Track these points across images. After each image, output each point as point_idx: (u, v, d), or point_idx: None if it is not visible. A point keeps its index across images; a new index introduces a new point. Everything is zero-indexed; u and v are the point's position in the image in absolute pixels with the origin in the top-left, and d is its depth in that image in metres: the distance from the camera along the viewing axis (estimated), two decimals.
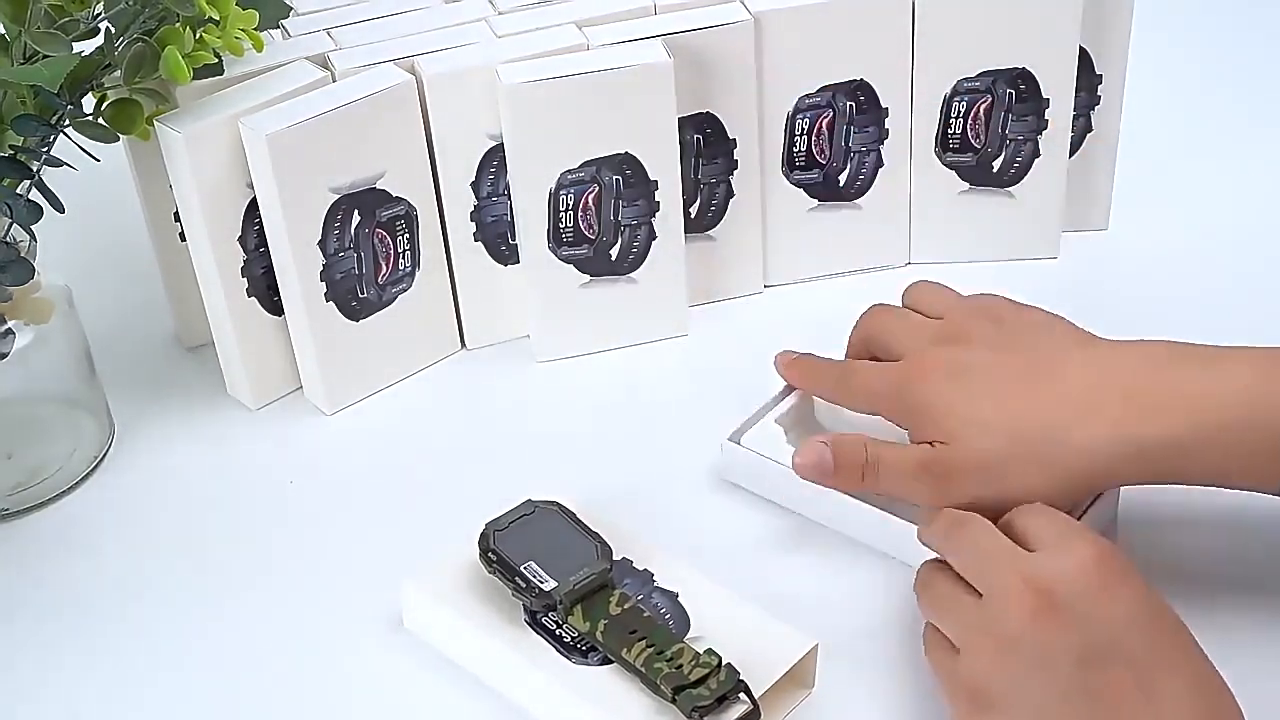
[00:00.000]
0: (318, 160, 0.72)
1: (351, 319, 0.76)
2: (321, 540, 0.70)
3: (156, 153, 0.72)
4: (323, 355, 0.76)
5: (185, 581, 0.68)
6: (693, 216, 0.81)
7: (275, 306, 0.77)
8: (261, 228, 0.74)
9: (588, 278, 0.79)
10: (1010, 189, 0.83)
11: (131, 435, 0.76)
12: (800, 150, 0.82)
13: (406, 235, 0.77)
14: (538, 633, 0.59)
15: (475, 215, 0.78)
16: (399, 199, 0.75)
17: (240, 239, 0.74)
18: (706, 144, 0.79)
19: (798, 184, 0.83)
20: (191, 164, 0.70)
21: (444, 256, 0.79)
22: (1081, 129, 0.84)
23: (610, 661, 0.58)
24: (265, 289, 0.76)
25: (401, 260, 0.77)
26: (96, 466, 0.74)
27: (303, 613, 0.66)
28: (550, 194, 0.76)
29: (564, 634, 0.59)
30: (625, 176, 0.76)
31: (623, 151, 0.75)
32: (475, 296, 0.81)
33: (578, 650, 0.58)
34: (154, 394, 0.79)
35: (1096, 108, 0.83)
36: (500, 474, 0.72)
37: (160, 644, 0.65)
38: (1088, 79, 0.82)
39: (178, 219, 0.76)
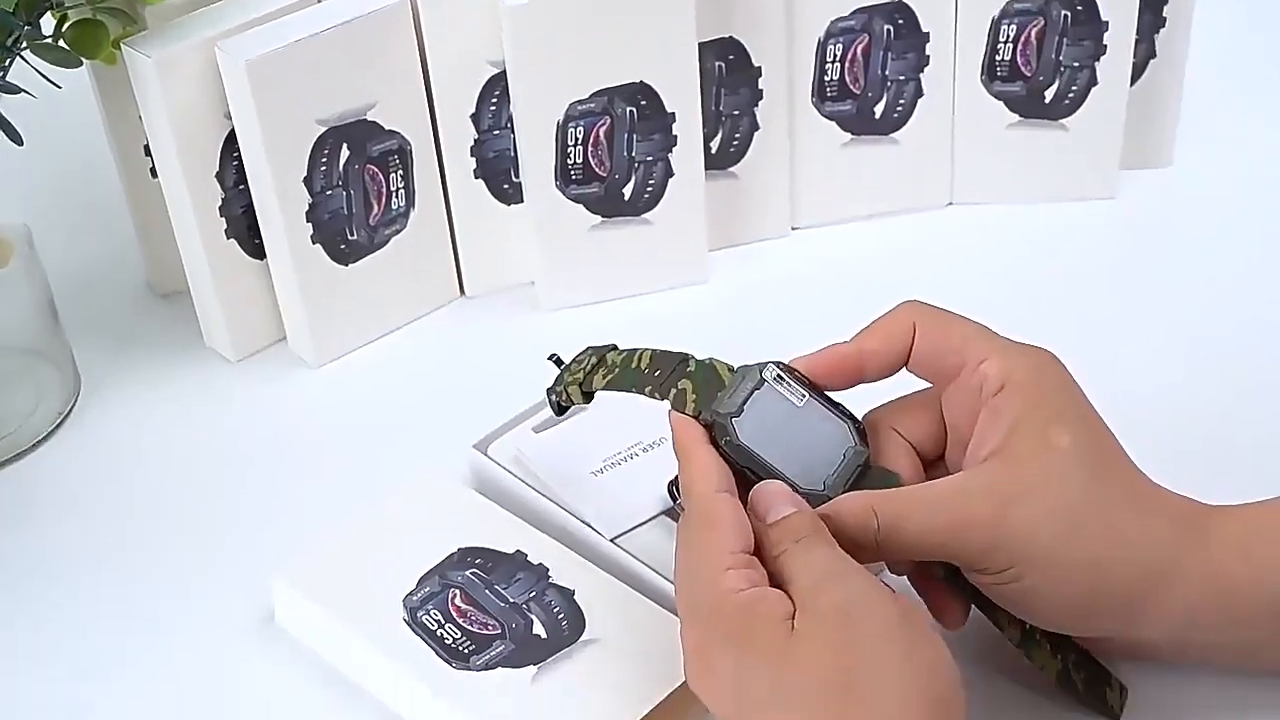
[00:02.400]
0: (302, 89, 0.71)
1: (340, 263, 0.76)
2: (303, 503, 0.69)
3: (124, 80, 0.72)
4: (309, 303, 0.75)
5: (153, 544, 0.67)
6: (714, 152, 0.80)
7: (257, 249, 0.76)
8: (241, 163, 0.73)
9: (598, 219, 0.78)
10: (1064, 121, 0.82)
11: (99, 390, 0.76)
12: (832, 79, 0.80)
13: (400, 172, 0.76)
14: (417, 634, 0.58)
15: (475, 150, 0.77)
16: (391, 132, 0.75)
17: (218, 175, 0.73)
18: (729, 72, 0.78)
19: (829, 116, 0.81)
20: (163, 92, 0.70)
21: (441, 195, 0.79)
22: (1144, 55, 0.82)
23: (492, 667, 0.56)
24: (245, 230, 0.75)
25: (394, 199, 0.76)
26: (61, 423, 0.74)
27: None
28: (558, 127, 0.75)
29: (445, 636, 0.58)
30: (640, 107, 0.75)
31: (637, 80, 0.75)
32: (475, 239, 0.80)
33: (459, 654, 0.57)
34: (124, 345, 0.79)
35: (1161, 30, 0.82)
36: None
37: (113, 609, 0.64)
38: None
39: (148, 153, 0.75)
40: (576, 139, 0.75)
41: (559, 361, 0.61)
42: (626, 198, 0.77)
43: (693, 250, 0.80)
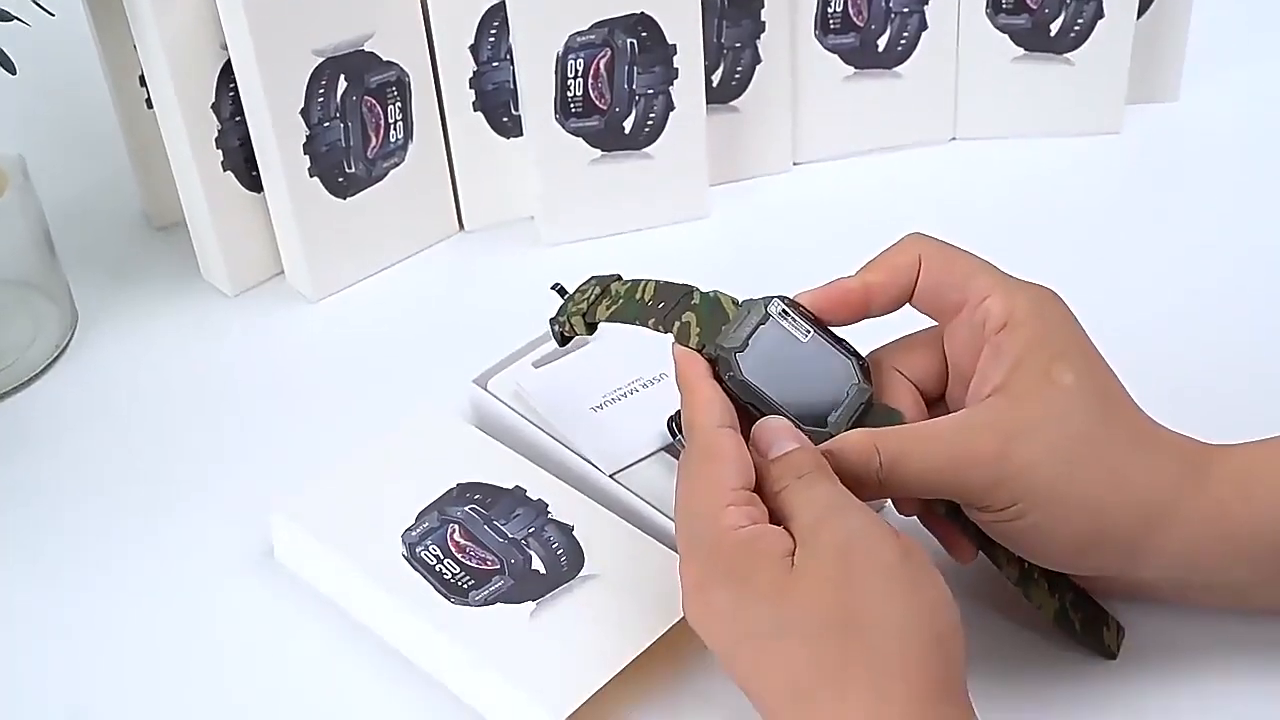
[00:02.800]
0: (299, 18, 0.70)
1: (338, 196, 0.75)
2: (302, 438, 0.69)
3: (119, 8, 0.71)
4: (307, 236, 0.75)
5: (150, 480, 0.67)
6: (715, 85, 0.79)
7: (254, 182, 0.75)
8: (237, 94, 0.72)
9: (598, 153, 0.77)
10: (1069, 55, 0.81)
11: (95, 323, 0.75)
12: (835, 11, 0.79)
13: (398, 104, 0.75)
14: (416, 569, 0.58)
15: (474, 82, 0.77)
16: (390, 63, 0.74)
17: (214, 106, 0.73)
18: (731, 4, 0.77)
19: (832, 49, 0.81)
20: (158, 21, 0.69)
21: (440, 128, 0.78)
22: None
23: (491, 603, 0.56)
24: (242, 162, 0.75)
25: (393, 132, 0.76)
26: (58, 357, 0.74)
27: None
28: (557, 59, 0.74)
29: (443, 571, 0.57)
30: (640, 39, 0.74)
31: (638, 11, 0.74)
32: (474, 172, 0.79)
33: (457, 590, 0.57)
34: (120, 278, 0.78)
35: None
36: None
37: (110, 544, 0.64)
38: None
39: (144, 83, 0.75)
40: (576, 71, 0.74)
41: (562, 291, 0.60)
42: (627, 131, 0.77)
43: (693, 185, 0.79)
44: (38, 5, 0.65)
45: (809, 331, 0.53)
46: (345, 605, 0.59)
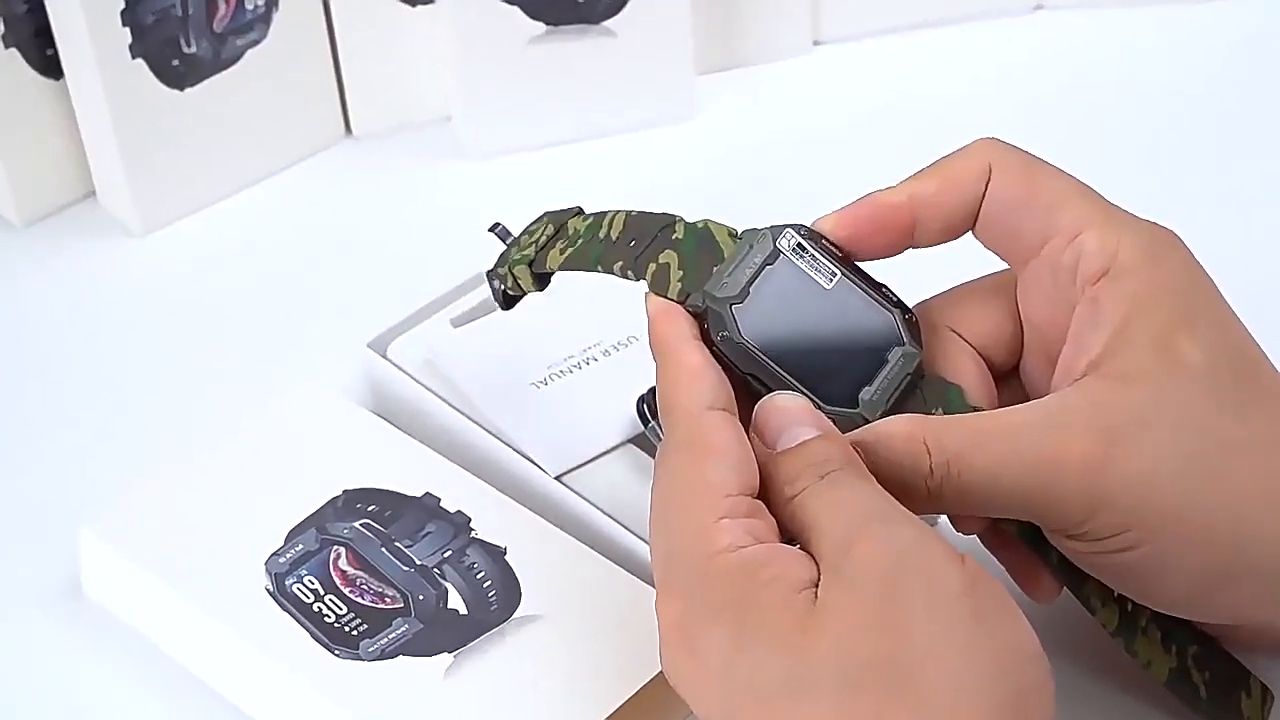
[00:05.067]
0: None
1: (173, 86, 0.76)
2: (124, 426, 0.69)
3: None
4: (128, 143, 0.76)
5: None
6: None
7: (50, 64, 0.76)
8: None
9: (541, 27, 0.78)
10: None
11: None
12: None
13: None
14: (285, 609, 0.58)
15: None
16: None
17: None
18: None
19: None
20: None
21: None
22: None
23: (391, 655, 0.57)
24: (31, 36, 0.75)
25: None
26: None
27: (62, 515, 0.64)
28: None
29: (324, 611, 0.58)
30: None
31: None
32: (366, 55, 0.80)
33: (343, 637, 0.58)
34: None
35: None
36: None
37: None
38: None
39: None
40: None
41: (505, 234, 0.60)
42: None
43: (674, 73, 0.80)
44: None
45: (834, 273, 0.53)
46: (181, 658, 0.60)
